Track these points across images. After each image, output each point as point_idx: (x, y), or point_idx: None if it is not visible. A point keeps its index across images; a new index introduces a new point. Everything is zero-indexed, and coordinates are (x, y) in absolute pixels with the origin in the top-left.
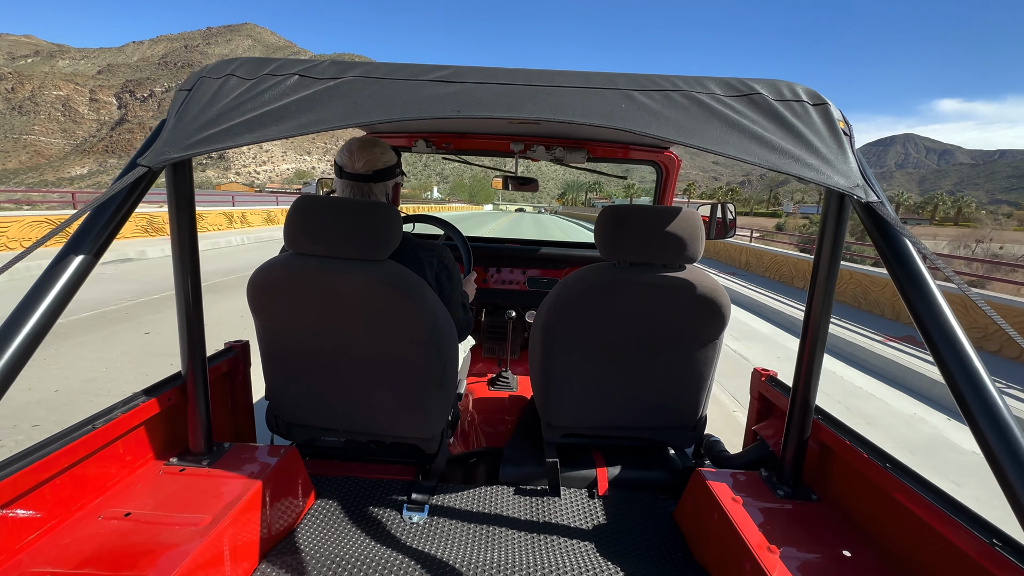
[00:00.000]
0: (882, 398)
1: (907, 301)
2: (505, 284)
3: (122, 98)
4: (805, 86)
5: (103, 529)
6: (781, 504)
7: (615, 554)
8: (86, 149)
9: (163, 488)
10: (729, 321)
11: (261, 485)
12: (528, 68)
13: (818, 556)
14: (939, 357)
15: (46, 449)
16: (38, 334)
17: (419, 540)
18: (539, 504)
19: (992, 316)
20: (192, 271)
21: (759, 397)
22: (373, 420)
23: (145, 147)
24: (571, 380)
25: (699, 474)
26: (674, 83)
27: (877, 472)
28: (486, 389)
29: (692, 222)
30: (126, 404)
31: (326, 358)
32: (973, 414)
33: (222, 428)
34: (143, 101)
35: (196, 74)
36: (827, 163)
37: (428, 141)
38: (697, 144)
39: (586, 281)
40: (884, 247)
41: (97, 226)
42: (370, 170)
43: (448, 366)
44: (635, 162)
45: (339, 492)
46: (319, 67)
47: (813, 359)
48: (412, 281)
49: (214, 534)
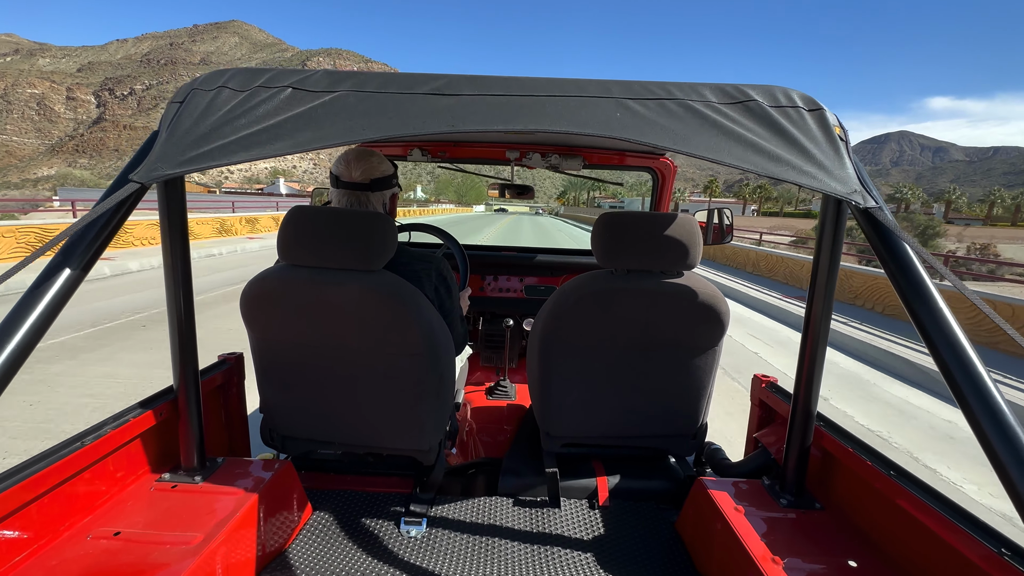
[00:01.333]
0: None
1: (907, 306)
2: (502, 292)
3: (101, 96)
4: (800, 92)
5: (92, 549)
6: (784, 513)
7: (616, 565)
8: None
9: (154, 505)
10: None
11: (255, 500)
12: (521, 76)
13: (823, 566)
14: (942, 363)
15: (34, 467)
16: (24, 349)
17: (417, 554)
18: (539, 515)
19: (993, 317)
20: (184, 284)
21: (760, 404)
22: (369, 432)
23: (136, 161)
24: (570, 389)
25: (701, 483)
26: (669, 91)
27: (881, 480)
28: (484, 398)
29: (689, 228)
30: (116, 420)
31: (321, 370)
32: (978, 419)
33: (216, 442)
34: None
35: (187, 85)
36: (824, 169)
37: (424, 150)
38: (693, 152)
39: (584, 288)
40: (883, 252)
41: (86, 240)
42: (367, 179)
43: (445, 377)
44: (631, 168)
45: (335, 506)
46: (312, 79)
47: (814, 365)
48: (407, 291)
49: (207, 552)
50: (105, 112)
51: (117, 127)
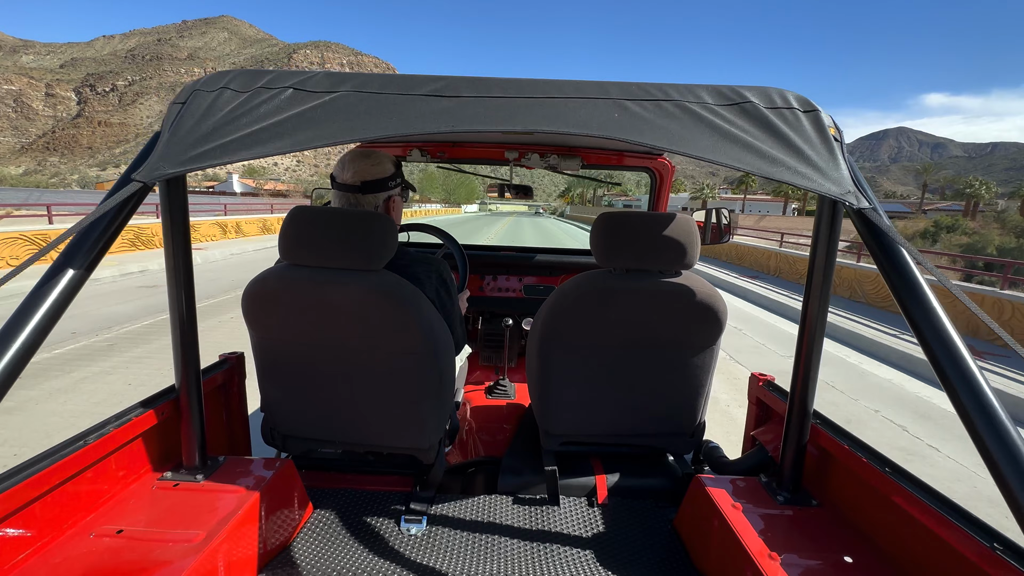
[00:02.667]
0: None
1: (903, 307)
2: (501, 292)
3: (82, 93)
4: (796, 93)
5: (95, 547)
6: (781, 510)
7: (615, 562)
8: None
9: (156, 504)
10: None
11: (257, 499)
12: (520, 78)
13: (819, 562)
14: (936, 363)
15: (37, 466)
16: (27, 351)
17: (418, 552)
18: (538, 513)
19: (986, 320)
20: (186, 284)
21: (757, 402)
22: (370, 431)
23: (139, 161)
24: (569, 387)
25: (699, 481)
26: (666, 92)
27: (876, 476)
28: (483, 397)
29: (687, 228)
30: (119, 419)
31: (322, 369)
32: (973, 422)
33: (217, 441)
34: (104, 96)
35: (189, 87)
36: (818, 170)
37: (423, 151)
38: (689, 152)
39: (582, 288)
40: (878, 253)
41: (88, 241)
42: (358, 181)
43: (445, 376)
44: (629, 168)
45: (336, 504)
46: (312, 80)
47: (810, 364)
48: (407, 291)
49: (208, 550)
50: (84, 109)
51: (92, 124)
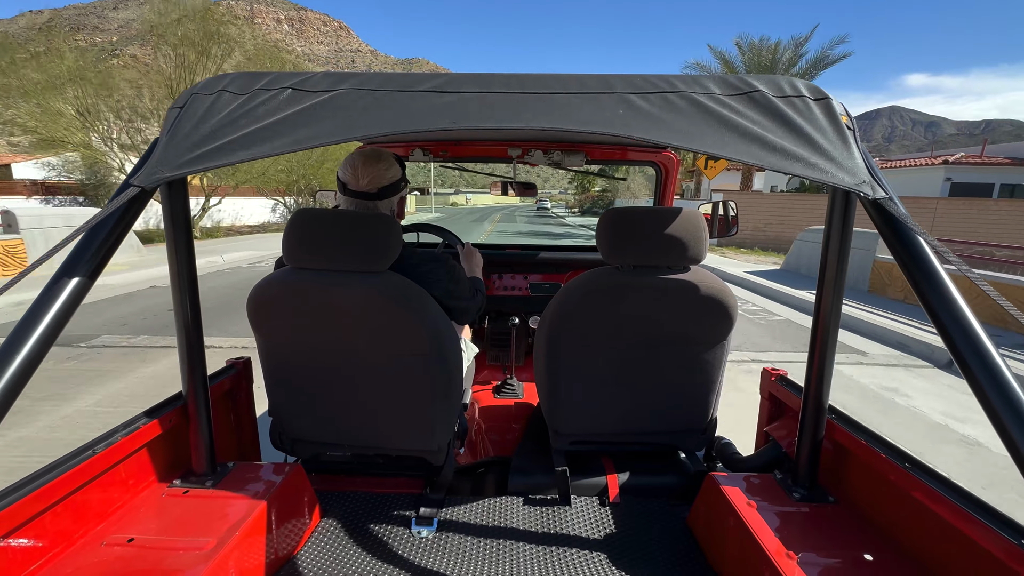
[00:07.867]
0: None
1: (922, 299)
2: (508, 290)
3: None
4: (806, 81)
5: (106, 556)
6: (797, 507)
7: (628, 563)
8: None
9: (167, 511)
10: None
11: (266, 504)
12: (522, 73)
13: (838, 560)
14: (957, 354)
15: (46, 477)
16: (35, 357)
17: (429, 555)
18: (549, 514)
19: (1007, 307)
20: (191, 289)
21: (770, 397)
22: (378, 433)
23: (139, 166)
24: (577, 386)
25: (712, 478)
26: (672, 84)
27: (896, 472)
28: (491, 397)
29: (695, 222)
30: (127, 427)
31: (328, 372)
32: (998, 415)
33: (225, 447)
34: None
35: (188, 91)
36: (831, 160)
37: (425, 149)
38: (697, 148)
39: (589, 285)
40: (896, 244)
41: (92, 247)
42: (375, 188)
43: (453, 376)
44: (634, 163)
45: (346, 508)
46: (312, 80)
47: (825, 357)
48: (413, 292)
49: (219, 557)
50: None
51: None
